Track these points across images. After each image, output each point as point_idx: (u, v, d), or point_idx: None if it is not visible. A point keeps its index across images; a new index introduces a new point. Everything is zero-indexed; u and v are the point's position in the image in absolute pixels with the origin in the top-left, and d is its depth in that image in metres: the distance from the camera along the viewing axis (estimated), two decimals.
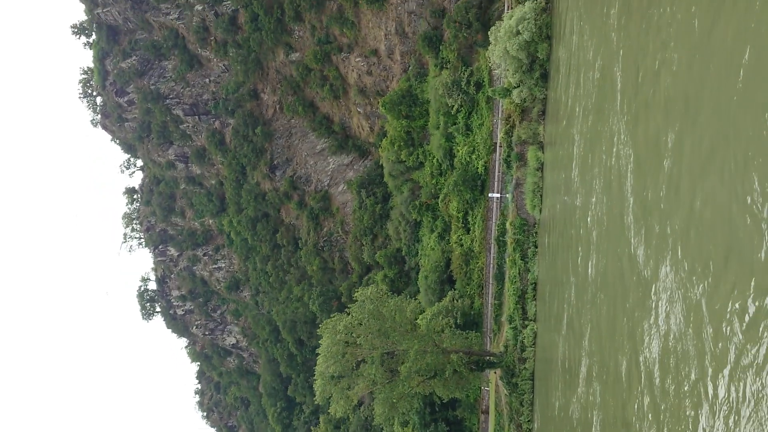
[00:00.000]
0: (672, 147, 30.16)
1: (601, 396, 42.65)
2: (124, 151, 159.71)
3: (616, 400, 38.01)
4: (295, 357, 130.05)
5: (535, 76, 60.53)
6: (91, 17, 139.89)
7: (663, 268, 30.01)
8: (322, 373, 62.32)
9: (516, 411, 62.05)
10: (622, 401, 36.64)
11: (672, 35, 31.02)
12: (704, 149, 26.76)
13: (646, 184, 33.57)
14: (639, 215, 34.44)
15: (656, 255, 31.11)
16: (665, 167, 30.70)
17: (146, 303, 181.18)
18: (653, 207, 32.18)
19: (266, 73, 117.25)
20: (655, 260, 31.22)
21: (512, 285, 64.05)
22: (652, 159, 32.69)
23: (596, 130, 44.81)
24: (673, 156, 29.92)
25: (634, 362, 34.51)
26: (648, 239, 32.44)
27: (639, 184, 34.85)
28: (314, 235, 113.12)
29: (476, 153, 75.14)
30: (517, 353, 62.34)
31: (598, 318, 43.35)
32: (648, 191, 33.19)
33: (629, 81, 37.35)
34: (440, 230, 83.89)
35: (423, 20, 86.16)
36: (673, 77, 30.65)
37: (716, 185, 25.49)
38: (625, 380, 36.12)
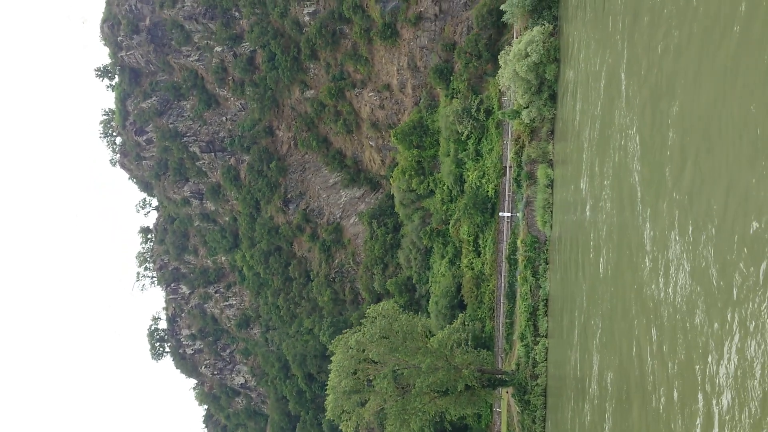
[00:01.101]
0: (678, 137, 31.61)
1: (612, 410, 42.75)
2: (141, 189, 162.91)
3: (627, 413, 38.18)
4: (305, 393, 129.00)
5: (544, 97, 62.69)
6: (115, 60, 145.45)
7: (675, 275, 30.71)
8: (334, 387, 62.43)
9: (528, 429, 61.62)
10: (633, 413, 36.84)
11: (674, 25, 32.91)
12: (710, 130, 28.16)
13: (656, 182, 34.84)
14: (649, 199, 35.51)
15: (665, 256, 31.95)
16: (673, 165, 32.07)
17: (156, 342, 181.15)
18: (662, 191, 33.32)
19: (281, 110, 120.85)
20: (665, 263, 32.04)
21: (523, 302, 64.57)
22: (659, 150, 34.11)
23: (604, 134, 46.45)
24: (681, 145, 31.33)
25: (642, 373, 34.81)
26: (659, 241, 33.25)
27: (648, 185, 36.13)
28: (326, 266, 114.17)
29: (486, 177, 76.83)
30: (529, 370, 62.35)
31: (609, 330, 43.77)
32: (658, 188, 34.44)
33: (634, 75, 39.13)
34: (451, 256, 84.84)
35: (434, 54, 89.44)
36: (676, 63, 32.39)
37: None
38: (635, 391, 36.37)
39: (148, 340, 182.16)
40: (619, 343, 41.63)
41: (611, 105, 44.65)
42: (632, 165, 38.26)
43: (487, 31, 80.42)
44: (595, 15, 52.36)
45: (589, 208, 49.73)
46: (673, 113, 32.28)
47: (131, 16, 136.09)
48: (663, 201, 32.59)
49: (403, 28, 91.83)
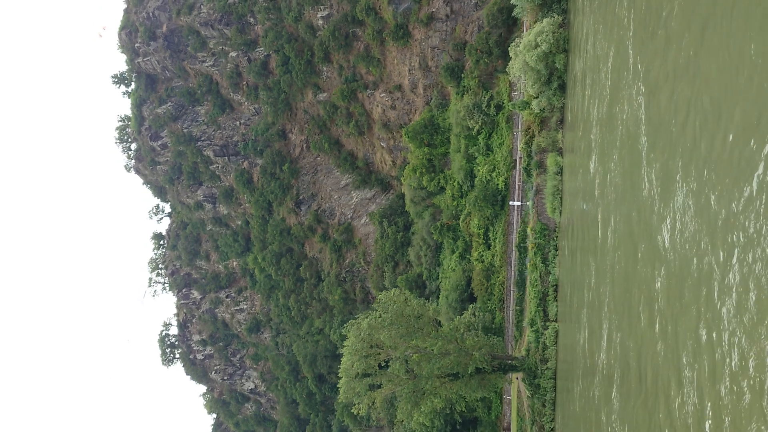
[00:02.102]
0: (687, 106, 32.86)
1: (619, 390, 43.39)
2: (154, 195, 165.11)
3: (636, 395, 38.82)
4: (315, 396, 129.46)
5: (554, 87, 64.13)
6: (132, 67, 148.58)
7: (688, 250, 31.81)
8: (346, 370, 63.28)
9: (538, 412, 62.15)
10: (643, 396, 37.49)
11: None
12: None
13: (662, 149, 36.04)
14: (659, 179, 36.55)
15: (673, 229, 33.04)
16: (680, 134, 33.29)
17: (167, 348, 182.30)
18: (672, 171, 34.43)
19: (294, 113, 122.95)
20: (671, 236, 33.15)
21: (533, 288, 65.44)
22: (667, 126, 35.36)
23: (612, 111, 47.74)
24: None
25: (653, 351, 35.45)
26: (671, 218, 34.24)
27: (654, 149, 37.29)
28: (336, 266, 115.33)
29: (496, 170, 78.09)
30: (539, 354, 63.04)
31: (618, 311, 44.55)
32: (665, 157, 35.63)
33: (638, 45, 40.49)
34: (461, 250, 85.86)
35: (446, 54, 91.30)
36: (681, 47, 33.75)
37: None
38: (644, 373, 36.87)
39: (159, 345, 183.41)
40: (627, 314, 42.48)
41: (618, 82, 46.02)
42: (639, 131, 39.50)
43: (497, 30, 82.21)
44: (603, 0, 53.98)
45: (598, 186, 50.85)
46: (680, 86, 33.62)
47: (148, 23, 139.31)
48: (670, 158, 33.75)
49: (415, 28, 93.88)
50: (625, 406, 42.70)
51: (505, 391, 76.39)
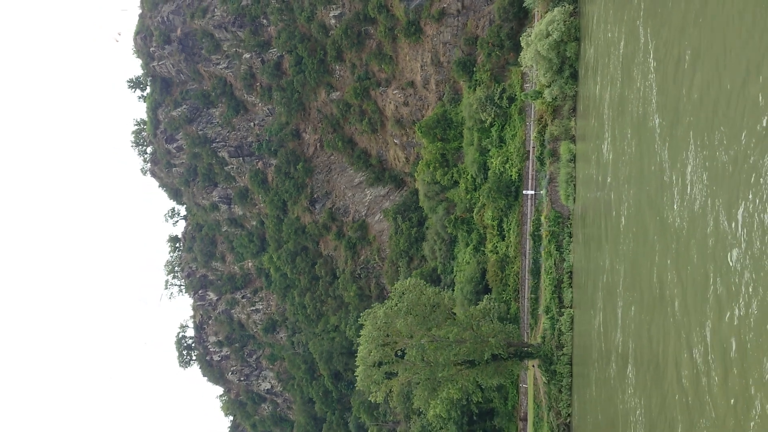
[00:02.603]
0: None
1: (636, 374, 43.57)
2: (170, 197, 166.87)
3: (652, 378, 39.01)
4: (331, 393, 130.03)
5: (565, 75, 64.63)
6: (147, 71, 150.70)
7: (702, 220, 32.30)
8: (363, 358, 63.86)
9: (554, 399, 62.38)
10: (658, 378, 37.69)
11: None
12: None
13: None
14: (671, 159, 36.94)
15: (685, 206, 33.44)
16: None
17: (184, 350, 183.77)
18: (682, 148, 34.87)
19: (308, 113, 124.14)
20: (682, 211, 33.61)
21: (548, 276, 65.77)
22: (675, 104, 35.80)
23: (624, 94, 48.19)
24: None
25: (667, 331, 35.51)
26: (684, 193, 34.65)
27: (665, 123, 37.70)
28: (351, 263, 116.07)
29: (510, 162, 78.57)
30: (555, 341, 63.30)
31: (632, 290, 44.81)
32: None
33: (650, 24, 40.96)
34: (475, 243, 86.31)
35: (457, 49, 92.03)
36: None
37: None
38: (662, 355, 36.94)
39: (175, 347, 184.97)
40: (641, 292, 42.76)
41: (629, 63, 46.48)
42: (651, 109, 39.94)
43: (509, 23, 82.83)
44: None
45: (611, 169, 51.22)
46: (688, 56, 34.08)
47: (163, 27, 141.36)
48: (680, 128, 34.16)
49: (427, 24, 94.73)
50: (640, 387, 42.93)
51: (521, 381, 76.61)
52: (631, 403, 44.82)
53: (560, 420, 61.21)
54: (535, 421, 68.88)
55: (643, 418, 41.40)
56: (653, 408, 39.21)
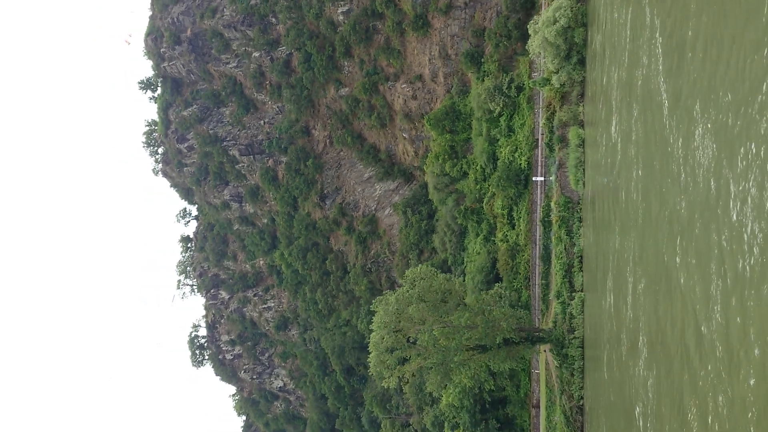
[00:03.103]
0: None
1: (647, 354, 43.77)
2: (181, 197, 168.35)
3: (663, 357, 39.13)
4: (343, 389, 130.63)
5: (573, 61, 65.10)
6: (158, 72, 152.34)
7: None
8: (376, 344, 64.44)
9: (566, 382, 62.69)
10: (669, 357, 37.79)
11: None
12: None
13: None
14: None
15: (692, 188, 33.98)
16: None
17: (196, 350, 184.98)
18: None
19: (317, 109, 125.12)
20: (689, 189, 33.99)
21: (558, 261, 66.14)
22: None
23: (631, 73, 48.63)
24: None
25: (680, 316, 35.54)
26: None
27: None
28: (362, 257, 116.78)
29: (519, 150, 79.04)
30: (566, 325, 63.64)
31: (642, 265, 44.97)
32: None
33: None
34: (485, 233, 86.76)
35: (465, 41, 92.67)
36: None
37: None
38: (672, 340, 37.07)
39: (188, 347, 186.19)
40: (652, 265, 43.06)
41: (636, 43, 46.95)
42: (658, 84, 40.37)
43: (516, 14, 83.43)
44: None
45: (620, 149, 51.63)
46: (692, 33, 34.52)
47: (173, 28, 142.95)
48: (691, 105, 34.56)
49: (434, 17, 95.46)
50: (652, 366, 43.18)
51: (533, 367, 76.92)
52: (643, 383, 45.07)
53: (573, 403, 61.52)
54: (548, 406, 69.17)
55: (654, 398, 41.61)
56: (664, 387, 39.45)
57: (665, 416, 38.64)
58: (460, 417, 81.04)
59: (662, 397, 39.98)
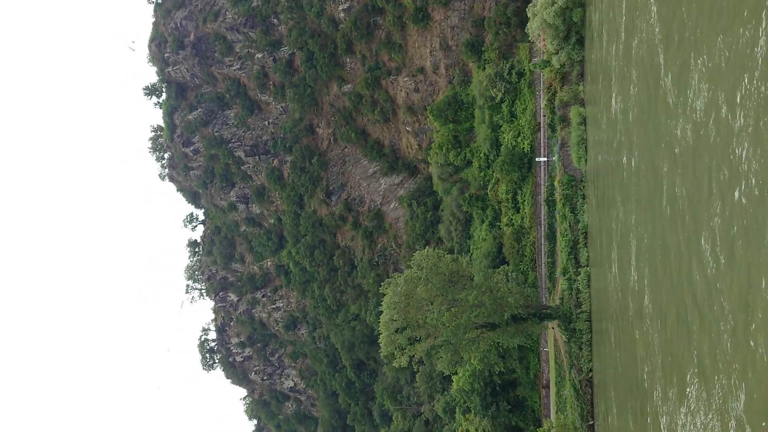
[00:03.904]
0: None
1: (653, 322, 44.40)
2: (188, 201, 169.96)
3: (669, 324, 39.55)
4: (354, 384, 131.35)
5: (572, 41, 66.31)
6: (162, 77, 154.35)
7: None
8: (386, 323, 65.37)
9: (575, 356, 63.48)
10: (674, 323, 38.23)
11: None
12: None
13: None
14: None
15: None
16: None
17: (206, 353, 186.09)
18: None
19: (321, 107, 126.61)
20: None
21: (563, 238, 67.08)
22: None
23: (628, 44, 49.77)
24: None
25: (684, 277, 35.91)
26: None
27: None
28: (369, 251, 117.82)
29: (521, 135, 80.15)
30: (573, 300, 64.50)
31: (645, 228, 45.64)
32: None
33: None
34: (490, 219, 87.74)
35: (465, 31, 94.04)
36: None
37: None
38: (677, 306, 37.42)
39: (198, 350, 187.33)
40: (653, 226, 43.93)
41: (633, 14, 48.13)
42: (655, 48, 41.48)
43: (514, 2, 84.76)
44: None
45: (621, 120, 52.70)
46: None
47: (177, 33, 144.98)
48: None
49: (434, 10, 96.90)
50: (658, 334, 43.90)
51: (542, 346, 77.67)
52: (648, 346, 45.79)
53: (582, 376, 62.29)
54: (558, 381, 69.89)
55: (661, 364, 42.07)
56: (669, 348, 40.03)
57: (669, 375, 39.41)
58: (471, 401, 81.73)
59: (667, 357, 40.74)
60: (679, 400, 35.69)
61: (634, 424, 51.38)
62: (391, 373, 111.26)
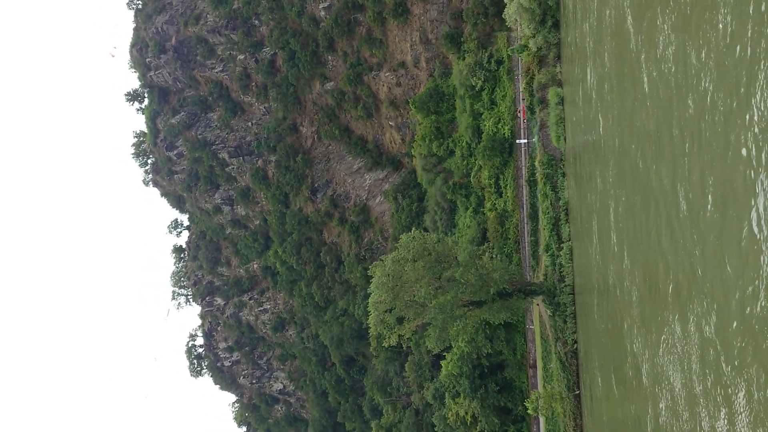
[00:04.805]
0: None
1: (634, 290, 45.72)
2: (172, 206, 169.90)
3: (649, 290, 40.70)
4: (344, 381, 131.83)
5: (548, 25, 68.27)
6: (144, 81, 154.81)
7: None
8: (375, 304, 66.38)
9: (560, 330, 64.93)
10: (655, 289, 39.44)
11: None
12: None
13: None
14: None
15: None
16: None
17: (194, 359, 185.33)
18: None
19: (304, 106, 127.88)
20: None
21: (545, 216, 68.72)
22: None
23: (601, 17, 51.67)
24: None
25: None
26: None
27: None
28: (356, 246, 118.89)
29: (502, 121, 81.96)
30: (557, 275, 66.03)
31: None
32: None
33: None
34: (474, 206, 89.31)
35: (444, 24, 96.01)
36: None
37: None
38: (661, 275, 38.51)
39: (186, 357, 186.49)
40: (632, 195, 45.55)
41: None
42: (624, 14, 43.31)
43: None
44: None
45: (596, 92, 54.51)
46: None
47: (158, 37, 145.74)
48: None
49: (413, 4, 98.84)
50: (639, 302, 45.31)
51: (528, 324, 79.07)
52: (631, 320, 47.01)
53: (567, 348, 63.71)
54: (544, 356, 71.27)
55: (643, 332, 43.17)
56: (648, 302, 41.28)
57: (648, 323, 40.83)
58: (460, 384, 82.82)
59: (645, 307, 42.16)
60: (657, 341, 37.13)
61: (618, 387, 52.78)
62: (381, 366, 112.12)
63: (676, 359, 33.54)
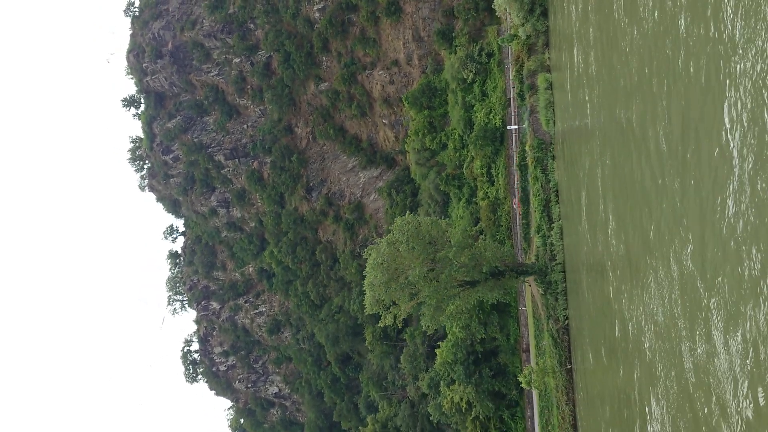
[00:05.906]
0: None
1: (623, 268, 46.99)
2: (168, 210, 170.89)
3: (635, 247, 41.95)
4: (339, 380, 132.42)
5: (537, 13, 70.52)
6: (140, 87, 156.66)
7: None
8: (370, 284, 67.64)
9: (551, 307, 66.37)
10: (644, 264, 40.65)
11: None
12: None
13: None
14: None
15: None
16: None
17: (189, 365, 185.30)
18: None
19: (299, 107, 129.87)
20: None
21: (536, 198, 70.46)
22: None
23: (586, 2, 53.85)
24: None
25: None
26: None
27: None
28: (350, 243, 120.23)
29: (493, 112, 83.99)
30: (548, 254, 67.62)
31: (612, 170, 48.79)
32: None
33: None
34: (467, 196, 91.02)
35: (436, 21, 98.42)
36: None
37: None
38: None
39: (181, 362, 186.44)
40: (621, 168, 47.26)
41: None
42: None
43: None
44: None
45: (583, 71, 56.51)
46: None
47: (154, 43, 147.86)
48: None
49: (406, 3, 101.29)
50: (627, 278, 46.73)
51: (520, 304, 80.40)
52: (618, 281, 48.51)
53: (559, 325, 65.11)
54: (536, 334, 72.59)
55: (629, 288, 44.54)
56: (638, 272, 42.41)
57: (637, 277, 42.33)
58: (455, 371, 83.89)
59: (631, 260, 43.52)
60: (642, 291, 38.60)
61: (608, 358, 54.10)
62: (376, 360, 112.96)
63: (657, 297, 35.05)
